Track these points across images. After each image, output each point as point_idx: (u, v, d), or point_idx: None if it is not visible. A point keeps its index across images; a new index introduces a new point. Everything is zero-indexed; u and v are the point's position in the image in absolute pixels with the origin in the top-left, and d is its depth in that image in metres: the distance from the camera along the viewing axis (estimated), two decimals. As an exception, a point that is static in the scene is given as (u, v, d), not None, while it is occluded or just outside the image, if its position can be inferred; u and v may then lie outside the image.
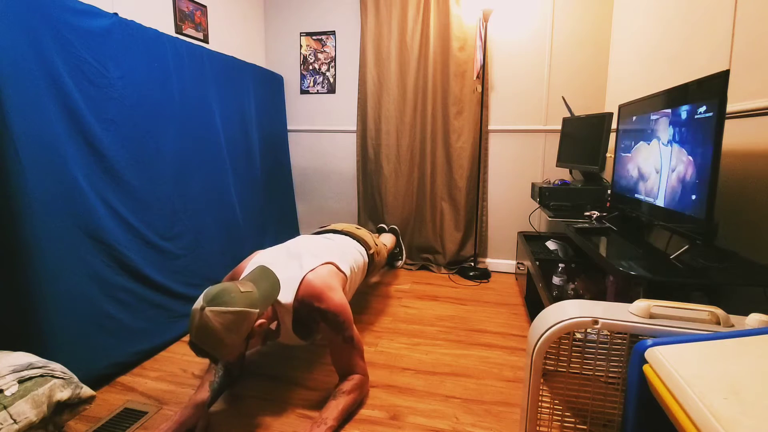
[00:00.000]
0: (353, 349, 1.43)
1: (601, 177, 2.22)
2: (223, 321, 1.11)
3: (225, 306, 1.13)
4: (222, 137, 2.39)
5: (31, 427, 1.06)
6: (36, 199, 1.35)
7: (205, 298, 1.13)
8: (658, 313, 0.93)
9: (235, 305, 1.14)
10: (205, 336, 1.11)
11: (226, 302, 1.14)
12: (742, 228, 1.31)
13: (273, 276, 1.35)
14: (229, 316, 1.13)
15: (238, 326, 1.14)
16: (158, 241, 1.87)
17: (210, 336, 1.11)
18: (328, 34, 3.11)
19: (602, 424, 0.99)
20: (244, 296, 1.18)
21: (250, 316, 1.18)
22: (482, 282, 2.74)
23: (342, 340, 1.40)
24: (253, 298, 1.20)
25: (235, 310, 1.14)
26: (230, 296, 1.15)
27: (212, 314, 1.11)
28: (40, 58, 1.39)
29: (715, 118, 1.10)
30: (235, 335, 1.14)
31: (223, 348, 1.13)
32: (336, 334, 1.40)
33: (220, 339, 1.11)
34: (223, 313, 1.12)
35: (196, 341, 1.13)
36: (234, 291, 1.18)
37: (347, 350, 1.42)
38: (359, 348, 1.46)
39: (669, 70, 1.80)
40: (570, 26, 2.64)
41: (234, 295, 1.16)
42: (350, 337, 1.41)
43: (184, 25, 2.37)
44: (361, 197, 3.17)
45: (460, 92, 2.82)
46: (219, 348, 1.13)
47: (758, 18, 1.27)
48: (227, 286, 1.19)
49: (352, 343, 1.42)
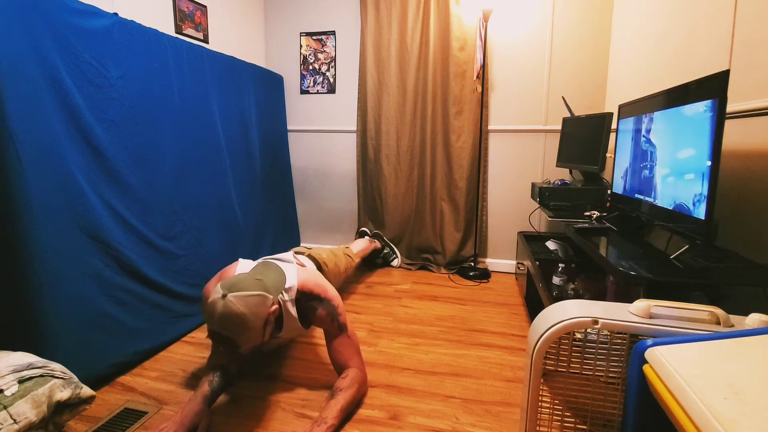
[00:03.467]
0: (348, 339, 1.49)
1: (601, 177, 2.22)
2: (246, 304, 1.18)
3: (245, 290, 1.20)
4: (222, 137, 2.39)
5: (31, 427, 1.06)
6: (36, 199, 1.34)
7: (224, 287, 1.20)
8: (658, 313, 0.93)
9: (254, 289, 1.22)
10: (230, 322, 1.16)
11: (245, 287, 1.21)
12: (742, 228, 1.31)
13: (277, 267, 1.46)
14: (252, 299, 1.20)
15: (259, 309, 1.21)
16: (158, 241, 1.87)
17: (235, 320, 1.16)
18: (328, 34, 3.11)
19: (602, 424, 0.99)
20: (259, 282, 1.26)
21: (267, 301, 1.25)
22: (482, 282, 2.74)
23: (337, 327, 1.48)
24: (266, 284, 1.29)
25: (256, 293, 1.22)
26: (246, 283, 1.23)
27: (235, 299, 1.17)
28: (40, 58, 1.38)
29: (715, 118, 1.10)
30: (257, 319, 1.21)
31: (246, 333, 1.19)
32: (331, 321, 1.47)
33: (244, 322, 1.17)
34: (245, 296, 1.19)
35: (219, 329, 1.17)
36: (248, 279, 1.26)
37: (342, 340, 1.48)
38: (354, 341, 1.51)
39: (669, 70, 1.80)
40: (570, 26, 2.64)
41: (249, 282, 1.25)
42: (343, 325, 1.48)
43: (184, 25, 2.37)
44: (361, 197, 3.17)
45: (460, 92, 2.82)
46: (243, 332, 1.18)
47: (758, 18, 1.27)
48: (240, 276, 1.29)
49: (345, 332, 1.49)
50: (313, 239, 3.41)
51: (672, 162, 1.33)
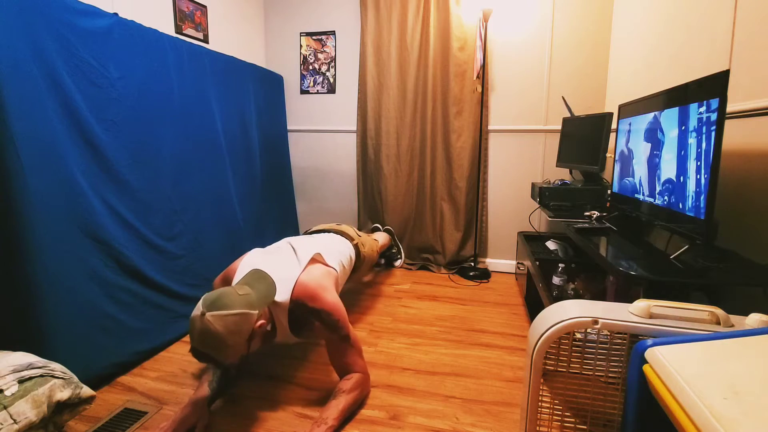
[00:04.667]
0: (350, 348, 1.43)
1: (601, 177, 2.22)
2: (224, 324, 1.13)
3: (225, 309, 1.15)
4: (222, 137, 2.39)
5: (31, 427, 1.06)
6: (36, 199, 1.34)
7: (204, 304, 1.15)
8: (658, 313, 0.93)
9: (234, 307, 1.16)
10: (208, 340, 1.12)
11: (225, 305, 1.15)
12: (742, 228, 1.31)
13: (268, 278, 1.36)
14: (230, 318, 1.14)
15: (239, 328, 1.16)
16: (158, 241, 1.87)
17: (212, 340, 1.12)
18: (328, 34, 3.11)
19: (602, 424, 0.99)
20: (242, 298, 1.20)
21: (250, 318, 1.19)
22: (482, 282, 2.74)
23: (338, 338, 1.41)
24: (250, 299, 1.22)
25: (235, 312, 1.16)
26: (229, 299, 1.17)
27: (213, 318, 1.12)
28: (40, 59, 1.39)
29: (716, 118, 1.10)
30: (237, 337, 1.16)
31: (225, 350, 1.14)
32: (332, 332, 1.40)
33: (222, 342, 1.13)
34: (224, 316, 1.14)
35: (198, 347, 1.14)
36: (232, 294, 1.20)
37: (344, 349, 1.43)
38: (357, 346, 1.46)
39: (669, 70, 1.80)
40: (570, 26, 2.64)
41: (232, 298, 1.18)
42: (346, 336, 1.42)
43: (184, 25, 2.37)
44: (361, 197, 3.17)
45: (460, 92, 2.82)
46: (222, 351, 1.14)
47: (758, 18, 1.27)
48: (224, 290, 1.21)
49: (348, 342, 1.43)
50: (313, 239, 3.41)
51: (672, 162, 1.33)
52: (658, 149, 1.44)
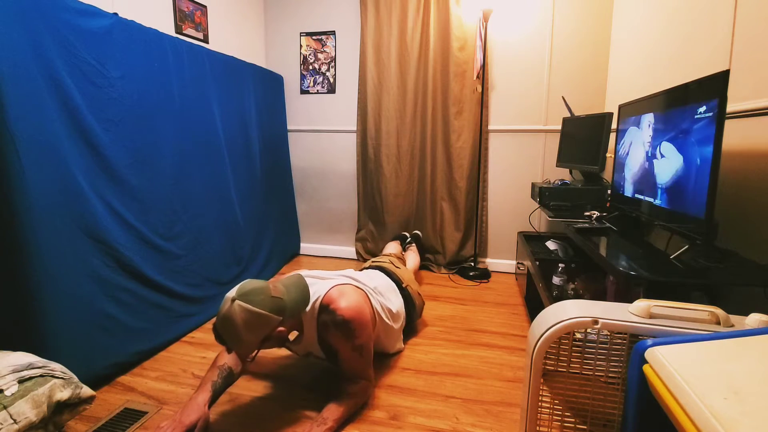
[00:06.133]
0: (362, 359, 1.41)
1: (601, 177, 2.22)
2: (245, 318, 1.17)
3: (252, 305, 1.18)
4: (222, 137, 2.39)
5: (31, 427, 1.06)
6: (36, 199, 1.34)
7: (239, 291, 1.19)
8: (658, 313, 0.93)
9: (261, 308, 1.19)
10: (226, 325, 1.17)
11: (254, 302, 1.19)
12: (742, 228, 1.31)
13: (305, 287, 1.37)
14: (253, 316, 1.18)
15: (257, 328, 1.19)
16: (158, 241, 1.86)
17: (230, 327, 1.17)
18: (328, 34, 3.10)
19: (602, 424, 0.99)
20: (274, 301, 1.23)
21: (271, 322, 1.22)
22: (482, 282, 2.74)
23: (351, 347, 1.37)
24: (280, 305, 1.25)
25: (259, 312, 1.19)
26: (260, 297, 1.20)
27: (239, 308, 1.16)
28: (40, 58, 1.38)
29: (715, 117, 1.10)
30: (252, 335, 1.19)
31: (238, 342, 1.19)
32: (346, 340, 1.35)
33: (237, 333, 1.17)
34: (249, 310, 1.17)
35: (217, 326, 1.19)
36: (265, 293, 1.22)
37: (355, 359, 1.40)
38: (368, 358, 1.44)
39: (669, 70, 1.80)
40: (570, 26, 2.64)
41: (264, 297, 1.21)
42: (360, 346, 1.37)
43: (184, 25, 2.37)
44: (361, 197, 3.17)
45: (460, 92, 2.82)
46: (235, 342, 1.19)
47: (758, 18, 1.27)
48: (262, 286, 1.24)
49: (361, 353, 1.39)
50: (313, 239, 3.41)
51: (672, 162, 1.33)
52: (658, 149, 1.44)
